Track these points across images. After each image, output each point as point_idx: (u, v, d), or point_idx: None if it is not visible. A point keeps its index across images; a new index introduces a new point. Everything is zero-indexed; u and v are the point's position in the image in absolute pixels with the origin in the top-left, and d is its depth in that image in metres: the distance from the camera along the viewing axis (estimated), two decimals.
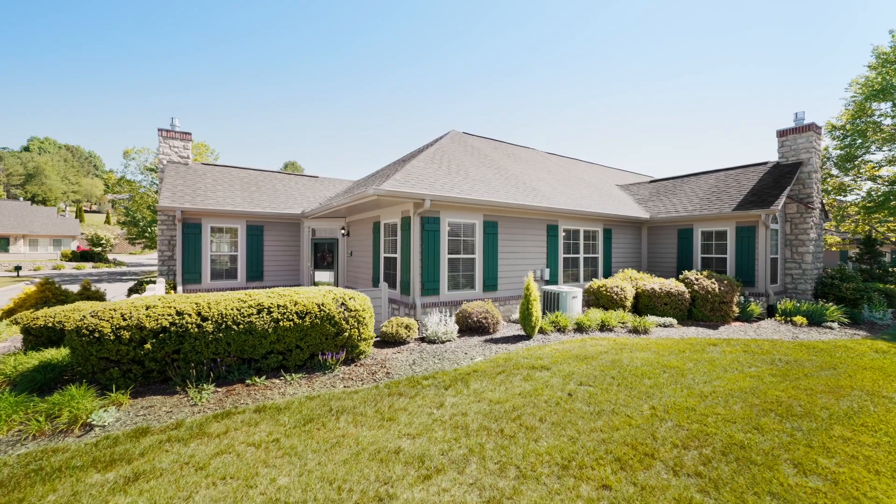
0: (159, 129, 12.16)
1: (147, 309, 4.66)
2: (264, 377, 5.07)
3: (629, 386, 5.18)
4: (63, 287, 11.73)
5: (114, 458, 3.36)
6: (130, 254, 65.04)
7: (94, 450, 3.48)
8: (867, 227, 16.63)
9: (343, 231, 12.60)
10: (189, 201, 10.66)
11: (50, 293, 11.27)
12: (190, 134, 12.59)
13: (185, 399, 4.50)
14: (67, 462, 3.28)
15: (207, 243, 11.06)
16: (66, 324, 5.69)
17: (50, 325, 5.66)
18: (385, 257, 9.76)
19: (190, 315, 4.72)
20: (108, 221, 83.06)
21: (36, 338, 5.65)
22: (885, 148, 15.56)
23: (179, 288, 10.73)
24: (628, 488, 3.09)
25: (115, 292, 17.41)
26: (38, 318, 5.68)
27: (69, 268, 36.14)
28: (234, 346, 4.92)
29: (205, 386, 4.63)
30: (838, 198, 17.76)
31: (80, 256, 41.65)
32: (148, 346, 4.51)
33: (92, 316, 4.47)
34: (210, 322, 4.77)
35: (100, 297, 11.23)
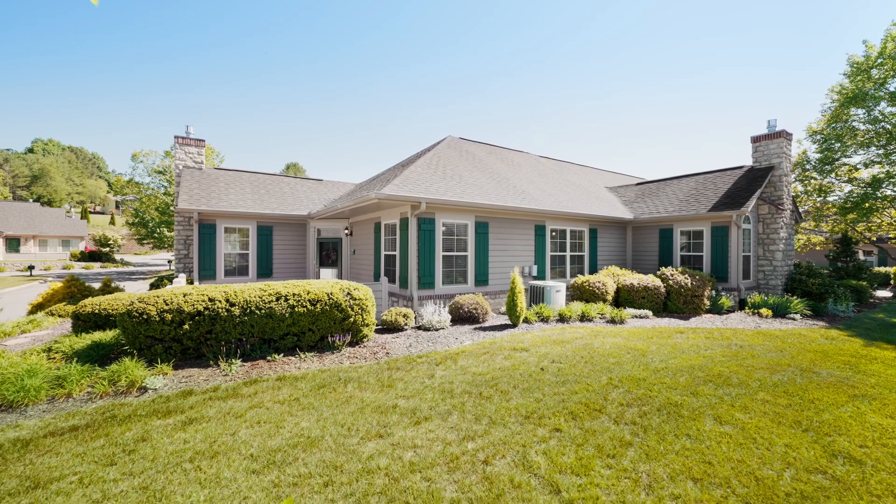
0: (176, 137, 13.06)
1: (184, 296, 5.53)
2: (282, 355, 5.94)
3: (594, 363, 6.04)
4: (85, 284, 12.63)
5: (169, 409, 4.23)
6: (135, 254, 66.15)
7: (153, 404, 4.35)
8: (843, 227, 17.43)
9: (346, 231, 13.47)
10: (205, 203, 11.55)
11: (75, 288, 12.20)
12: (204, 140, 13.49)
13: (218, 371, 5.37)
14: (134, 412, 4.16)
15: (221, 242, 11.96)
16: (110, 311, 6.57)
17: (97, 311, 6.54)
18: (385, 255, 10.63)
19: (220, 301, 5.59)
20: (112, 222, 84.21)
21: (84, 322, 6.53)
22: (860, 152, 16.37)
23: (196, 283, 11.61)
24: (575, 431, 3.94)
25: (130, 290, 18.31)
26: (86, 306, 6.56)
27: (78, 267, 37.12)
28: (257, 328, 5.79)
29: (233, 361, 5.49)
30: (819, 199, 18.56)
31: (89, 256, 42.65)
32: (186, 326, 5.38)
33: (140, 301, 5.34)
34: (237, 307, 5.64)
35: (119, 292, 12.11)
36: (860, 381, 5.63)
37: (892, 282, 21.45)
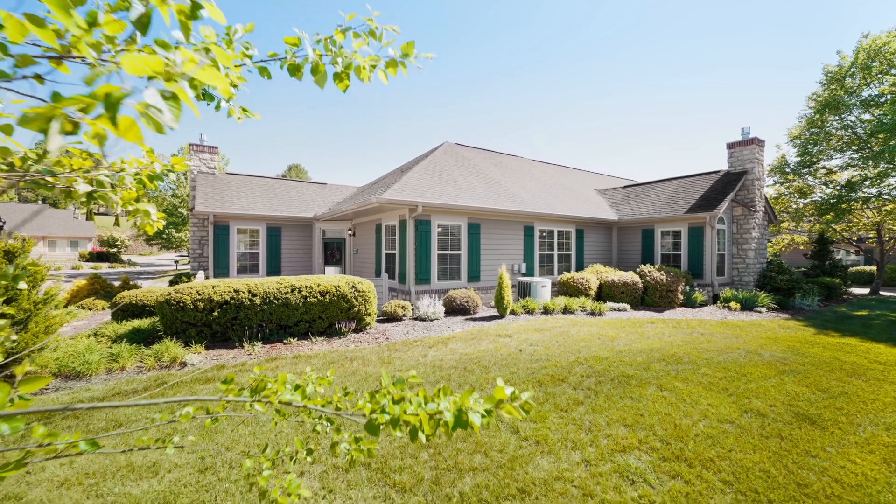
0: (190, 144, 14.03)
1: (213, 288, 6.46)
2: (296, 339, 6.86)
3: (566, 346, 6.95)
4: (107, 281, 13.60)
5: (208, 378, 5.16)
6: (140, 255, 67.27)
7: (193, 374, 5.28)
8: (820, 228, 18.28)
9: (350, 232, 14.40)
10: (219, 206, 12.49)
11: (98, 285, 13.17)
12: (216, 147, 14.45)
13: (243, 351, 6.30)
14: (180, 380, 5.09)
15: (234, 242, 12.91)
16: (145, 301, 7.51)
17: (133, 302, 7.47)
18: (386, 253, 11.55)
19: (244, 292, 6.52)
20: (117, 223, 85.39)
21: (122, 312, 7.46)
22: (836, 156, 17.24)
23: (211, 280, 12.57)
24: (539, 393, 4.85)
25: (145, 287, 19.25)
26: (124, 298, 7.49)
27: (87, 268, 38.12)
28: (275, 315, 6.71)
29: (255, 343, 6.42)
30: (801, 200, 19.39)
31: (97, 257, 43.70)
32: (216, 313, 6.31)
33: (176, 292, 6.28)
34: (258, 297, 6.57)
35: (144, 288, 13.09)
36: (794, 360, 6.53)
37: (875, 280, 22.28)
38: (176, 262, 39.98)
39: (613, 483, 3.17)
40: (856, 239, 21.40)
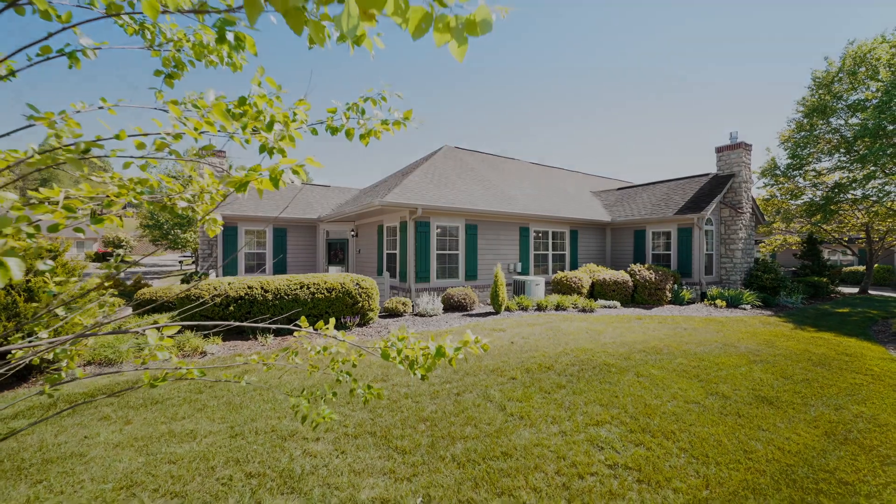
0: (199, 149, 14.59)
1: (229, 284, 7.00)
2: None
3: (555, 339, 7.47)
4: (120, 280, 14.14)
5: (227, 366, 5.69)
6: (144, 255, 68.01)
7: (213, 363, 5.82)
8: (809, 228, 18.77)
9: (352, 232, 14.94)
10: (228, 209, 13.05)
11: (112, 284, 13.72)
12: (224, 152, 15.01)
13: (256, 342, 6.84)
14: (201, 368, 5.62)
15: (242, 243, 13.46)
16: (164, 297, 8.06)
17: (153, 298, 8.02)
18: (387, 253, 12.09)
19: (257, 289, 7.06)
20: (120, 224, 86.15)
21: (142, 306, 8.02)
22: (825, 159, 17.73)
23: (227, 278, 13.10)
24: (526, 379, 5.38)
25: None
26: (144, 294, 8.04)
27: (93, 268, 38.74)
28: (285, 310, 7.25)
29: (267, 336, 6.96)
30: (793, 202, 19.87)
31: (102, 257, 44.35)
32: (231, 308, 6.86)
33: (195, 288, 6.82)
34: (270, 293, 7.11)
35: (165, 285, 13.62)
36: (767, 351, 7.04)
37: (864, 279, 22.75)
38: (180, 262, 40.59)
39: (584, 449, 3.69)
40: (846, 239, 21.86)
